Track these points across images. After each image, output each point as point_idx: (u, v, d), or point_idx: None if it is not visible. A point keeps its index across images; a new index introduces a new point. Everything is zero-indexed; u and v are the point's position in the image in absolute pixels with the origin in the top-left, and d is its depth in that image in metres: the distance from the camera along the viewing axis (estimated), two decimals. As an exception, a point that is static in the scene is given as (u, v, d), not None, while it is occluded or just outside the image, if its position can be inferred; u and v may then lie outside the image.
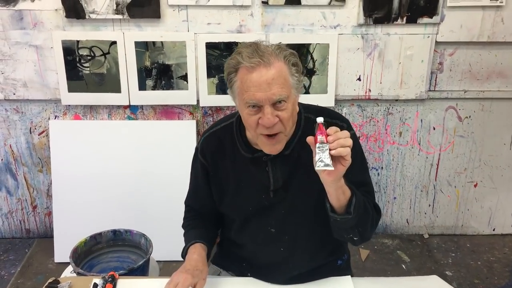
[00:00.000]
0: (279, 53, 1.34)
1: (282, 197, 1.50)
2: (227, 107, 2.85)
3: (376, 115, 2.93)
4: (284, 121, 1.35)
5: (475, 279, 2.79)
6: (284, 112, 1.34)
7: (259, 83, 1.30)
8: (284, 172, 1.48)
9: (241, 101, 1.37)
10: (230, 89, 1.41)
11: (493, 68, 2.84)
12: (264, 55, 1.31)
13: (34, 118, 2.87)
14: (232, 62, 1.36)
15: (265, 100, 1.31)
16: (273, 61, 1.31)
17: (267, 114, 1.32)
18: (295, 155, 1.47)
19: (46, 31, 2.66)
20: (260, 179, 1.49)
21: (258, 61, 1.30)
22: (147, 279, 1.71)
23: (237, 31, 2.69)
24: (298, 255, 1.57)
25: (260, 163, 1.48)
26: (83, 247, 1.87)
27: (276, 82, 1.31)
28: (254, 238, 1.57)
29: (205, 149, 1.56)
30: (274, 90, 1.30)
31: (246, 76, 1.32)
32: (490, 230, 3.23)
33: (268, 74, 1.30)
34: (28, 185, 3.03)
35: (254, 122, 1.36)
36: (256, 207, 1.52)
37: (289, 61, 1.35)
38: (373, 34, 2.72)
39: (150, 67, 2.73)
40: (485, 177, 3.10)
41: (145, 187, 2.85)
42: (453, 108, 2.93)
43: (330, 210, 1.37)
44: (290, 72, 1.35)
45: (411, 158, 3.04)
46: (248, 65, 1.31)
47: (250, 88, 1.31)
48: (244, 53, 1.33)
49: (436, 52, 2.78)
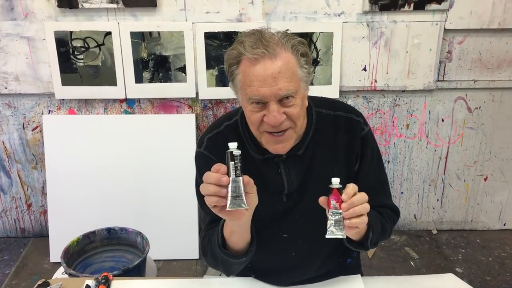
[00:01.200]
0: (286, 42, 1.20)
1: (296, 201, 1.37)
2: (227, 100, 2.75)
3: (382, 106, 2.83)
4: (293, 117, 1.22)
5: (487, 276, 2.70)
6: (293, 108, 1.21)
7: (264, 77, 1.16)
8: (298, 174, 1.35)
9: (244, 96, 1.23)
10: (232, 82, 1.27)
11: (504, 56, 2.74)
12: (269, 45, 1.17)
13: (27, 113, 2.78)
14: (233, 53, 1.22)
15: (270, 96, 1.18)
16: (280, 52, 1.17)
17: (272, 112, 1.18)
18: (308, 154, 1.35)
19: (38, 21, 2.57)
20: (273, 182, 1.35)
21: (262, 52, 1.16)
22: (144, 280, 1.61)
23: (237, 20, 2.59)
24: (310, 259, 1.46)
25: (271, 165, 1.34)
26: (75, 247, 1.78)
27: (282, 75, 1.17)
28: (264, 243, 1.41)
29: (212, 149, 1.37)
30: (280, 85, 1.17)
31: (249, 69, 1.18)
32: (500, 225, 3.13)
33: (273, 66, 1.16)
34: (22, 183, 2.94)
35: (258, 119, 1.22)
36: (268, 212, 1.37)
37: (297, 51, 1.21)
38: (379, 22, 2.61)
39: (147, 58, 2.64)
40: (496, 170, 3.00)
41: (143, 183, 2.77)
42: (462, 99, 2.83)
43: (346, 241, 1.31)
44: (298, 63, 1.21)
45: (418, 151, 2.94)
46: (251, 56, 1.17)
47: (254, 83, 1.18)
48: (246, 42, 1.18)
49: (444, 40, 2.68)
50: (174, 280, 1.50)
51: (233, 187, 1.08)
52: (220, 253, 1.28)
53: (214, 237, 1.30)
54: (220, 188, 1.08)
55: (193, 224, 2.76)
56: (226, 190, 1.08)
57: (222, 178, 1.08)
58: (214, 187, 1.08)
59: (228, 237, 1.28)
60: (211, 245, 1.32)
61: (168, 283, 1.49)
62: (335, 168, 1.36)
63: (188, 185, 1.58)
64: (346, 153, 1.37)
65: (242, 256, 1.29)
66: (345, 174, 1.36)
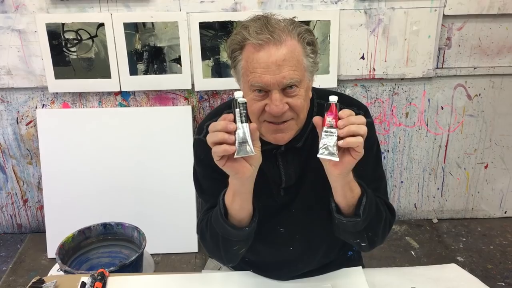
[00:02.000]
0: (292, 29, 1.15)
1: (294, 195, 1.33)
2: (224, 91, 2.71)
3: (381, 95, 2.79)
4: (296, 108, 1.18)
5: (488, 264, 2.68)
6: (296, 98, 1.17)
7: (267, 64, 1.12)
8: (297, 167, 1.31)
9: (246, 83, 1.19)
10: (234, 68, 1.23)
11: (504, 42, 2.70)
12: (275, 31, 1.13)
13: (20, 107, 2.73)
14: (237, 38, 1.17)
15: (273, 84, 1.13)
16: (285, 39, 1.13)
17: (275, 101, 1.14)
18: (307, 147, 1.30)
19: (29, 14, 2.51)
20: (270, 175, 1.31)
21: (267, 37, 1.12)
22: (141, 276, 1.58)
23: (232, 9, 2.54)
24: (309, 254, 1.42)
25: (269, 157, 1.28)
26: (70, 243, 1.75)
27: (287, 63, 1.13)
28: (261, 238, 1.37)
29: None
30: (284, 73, 1.13)
31: (252, 55, 1.14)
32: (501, 213, 3.11)
33: (278, 53, 1.12)
34: (18, 178, 2.90)
35: (259, 109, 1.18)
36: (265, 205, 1.33)
37: (303, 39, 1.16)
38: (376, 9, 2.57)
39: (141, 50, 2.59)
40: (496, 158, 2.97)
41: (140, 177, 2.73)
42: (462, 86, 2.79)
43: (336, 210, 1.22)
44: (304, 52, 1.17)
45: (418, 140, 2.91)
46: (255, 42, 1.13)
47: (257, 69, 1.14)
48: (251, 27, 1.14)
49: (443, 26, 2.64)
50: (171, 276, 1.47)
51: (240, 133, 1.06)
52: (221, 226, 1.22)
53: (215, 212, 1.24)
54: (228, 135, 1.05)
55: (191, 217, 2.73)
56: (234, 137, 1.06)
57: (229, 124, 1.05)
58: (222, 134, 1.06)
59: (230, 204, 1.21)
60: (211, 222, 1.27)
61: (165, 278, 1.46)
62: None
63: (185, 177, 1.55)
64: None
65: (245, 227, 1.23)
66: None
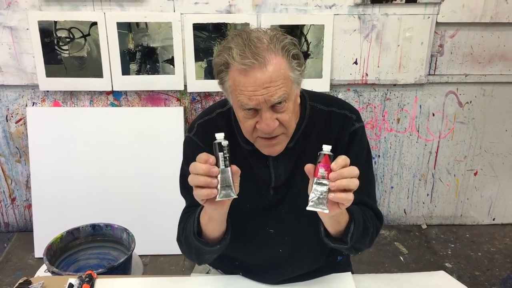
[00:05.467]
0: (276, 44, 1.14)
1: (283, 195, 1.34)
2: (216, 93, 2.71)
3: (373, 100, 2.80)
4: (285, 123, 1.19)
5: (476, 271, 2.70)
6: (285, 114, 1.18)
7: (255, 87, 1.12)
8: (287, 167, 1.32)
9: (235, 102, 1.19)
10: (222, 85, 1.22)
11: (495, 50, 2.72)
12: (259, 53, 1.11)
13: (10, 105, 2.70)
14: (221, 61, 1.16)
15: (262, 103, 1.14)
16: (269, 59, 1.12)
17: (265, 120, 1.15)
18: (299, 148, 1.32)
19: (21, 11, 2.49)
20: (260, 174, 1.32)
21: (251, 62, 1.10)
22: (129, 278, 1.57)
23: (227, 11, 2.53)
24: (298, 257, 1.42)
25: (260, 157, 1.30)
26: (58, 243, 1.73)
27: (274, 83, 1.12)
28: (250, 239, 1.39)
29: (202, 136, 1.35)
30: (272, 92, 1.12)
31: (238, 78, 1.14)
32: (490, 219, 3.13)
33: (264, 76, 1.11)
34: (6, 176, 2.87)
35: (251, 126, 1.20)
36: (254, 205, 1.35)
37: (288, 54, 1.15)
38: (370, 15, 2.57)
39: (134, 50, 2.58)
40: (486, 165, 2.99)
41: (130, 177, 2.71)
42: (453, 93, 2.81)
43: (324, 234, 1.25)
44: (290, 66, 1.16)
45: (409, 145, 2.92)
46: (239, 67, 1.12)
47: (244, 92, 1.13)
48: (234, 50, 1.12)
49: (436, 33, 2.66)
50: (160, 279, 1.46)
51: (223, 177, 1.07)
52: (194, 241, 1.25)
53: (189, 225, 1.28)
54: (211, 179, 1.06)
55: (181, 219, 2.71)
56: (216, 180, 1.06)
57: (212, 169, 1.05)
58: (205, 178, 1.06)
59: (205, 225, 1.24)
60: (186, 233, 1.30)
61: (154, 281, 1.44)
62: None
63: (175, 179, 1.54)
64: (334, 149, 1.32)
65: (217, 244, 1.26)
66: None
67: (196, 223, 1.25)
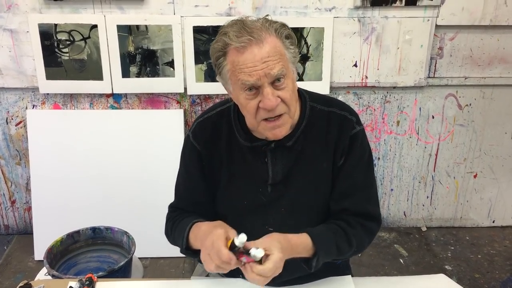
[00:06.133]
0: (269, 27, 1.21)
1: (281, 193, 1.36)
2: (216, 95, 2.71)
3: (373, 103, 2.80)
4: (287, 100, 1.23)
5: (476, 274, 2.70)
6: (285, 90, 1.22)
7: (254, 63, 1.17)
8: (285, 165, 1.34)
9: (236, 85, 1.23)
10: (220, 75, 1.27)
11: (495, 53, 2.72)
12: (254, 31, 1.17)
13: (10, 107, 2.70)
14: (218, 46, 1.22)
15: (263, 78, 1.18)
16: (265, 36, 1.18)
17: (267, 95, 1.19)
18: (298, 147, 1.34)
19: (22, 14, 2.49)
20: (258, 171, 1.35)
21: (248, 39, 1.17)
22: (129, 281, 1.57)
23: (227, 14, 2.54)
24: None
25: (259, 154, 1.33)
26: (59, 247, 1.73)
27: (272, 58, 1.18)
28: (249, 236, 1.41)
29: (198, 135, 1.40)
30: (271, 66, 1.18)
31: (237, 58, 1.19)
32: (489, 222, 3.13)
33: (262, 51, 1.17)
34: (6, 179, 2.87)
35: (254, 107, 1.23)
36: (251, 202, 1.37)
37: (281, 34, 1.22)
38: (370, 18, 2.58)
39: (134, 52, 2.58)
40: (485, 168, 2.99)
41: (130, 180, 2.71)
42: (453, 96, 2.81)
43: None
44: (284, 45, 1.22)
45: (409, 148, 2.92)
46: (238, 45, 1.17)
47: (244, 70, 1.18)
48: (230, 32, 1.19)
49: (436, 36, 2.66)
50: (160, 282, 1.46)
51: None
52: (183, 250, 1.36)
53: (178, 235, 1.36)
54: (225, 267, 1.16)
55: (181, 222, 2.71)
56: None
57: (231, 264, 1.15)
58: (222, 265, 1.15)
59: (193, 241, 1.32)
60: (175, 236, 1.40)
61: (154, 284, 1.45)
62: (324, 163, 1.35)
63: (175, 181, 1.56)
64: (334, 149, 1.35)
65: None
66: (332, 170, 1.36)
67: (185, 241, 1.33)
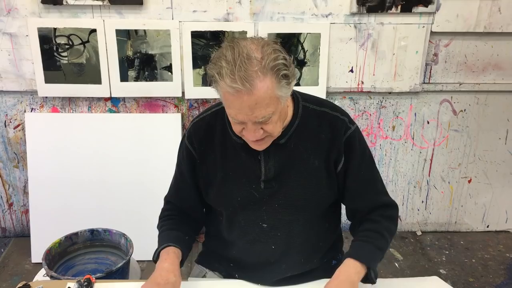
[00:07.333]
0: (266, 65, 1.15)
1: (275, 190, 1.39)
2: (213, 100, 2.73)
3: (369, 108, 2.83)
4: (270, 131, 1.26)
5: (470, 278, 2.72)
6: (269, 124, 1.25)
7: (241, 108, 1.19)
8: (277, 162, 1.37)
9: (225, 109, 1.28)
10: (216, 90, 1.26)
11: (489, 59, 2.76)
12: (247, 77, 1.12)
13: (9, 110, 2.72)
14: (212, 73, 1.19)
15: (247, 120, 1.22)
16: (257, 84, 1.14)
17: (250, 131, 1.24)
18: (290, 145, 1.37)
19: (21, 18, 2.51)
20: (251, 167, 1.38)
21: (239, 88, 1.13)
22: (127, 282, 1.58)
23: (224, 19, 2.57)
24: (291, 255, 1.46)
25: (252, 151, 1.36)
26: (57, 248, 1.74)
27: (260, 105, 1.17)
28: (243, 234, 1.45)
29: (193, 136, 1.44)
30: (257, 113, 1.19)
31: (227, 95, 1.19)
32: (484, 227, 3.16)
33: (250, 100, 1.16)
34: (4, 182, 2.87)
35: (238, 130, 1.29)
36: (245, 198, 1.40)
37: (278, 73, 1.17)
38: (366, 24, 2.61)
39: (132, 57, 2.60)
40: (480, 173, 3.02)
41: (128, 183, 2.72)
42: (447, 101, 2.84)
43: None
44: (278, 86, 1.18)
45: (404, 153, 2.95)
46: (228, 89, 1.15)
47: (232, 108, 1.21)
48: (224, 69, 1.14)
49: (431, 43, 2.70)
50: (158, 283, 1.47)
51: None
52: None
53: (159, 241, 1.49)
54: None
55: (178, 225, 2.72)
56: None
57: None
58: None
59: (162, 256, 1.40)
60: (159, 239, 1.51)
61: (151, 286, 1.46)
62: (317, 161, 1.38)
63: (173, 185, 1.59)
64: (328, 149, 1.38)
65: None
66: (325, 168, 1.38)
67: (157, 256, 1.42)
